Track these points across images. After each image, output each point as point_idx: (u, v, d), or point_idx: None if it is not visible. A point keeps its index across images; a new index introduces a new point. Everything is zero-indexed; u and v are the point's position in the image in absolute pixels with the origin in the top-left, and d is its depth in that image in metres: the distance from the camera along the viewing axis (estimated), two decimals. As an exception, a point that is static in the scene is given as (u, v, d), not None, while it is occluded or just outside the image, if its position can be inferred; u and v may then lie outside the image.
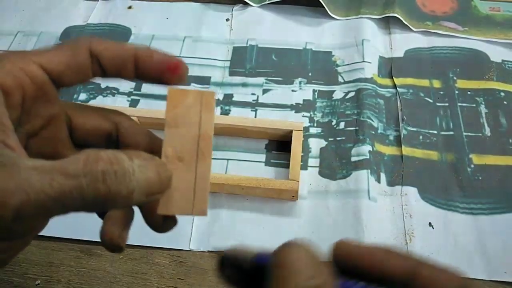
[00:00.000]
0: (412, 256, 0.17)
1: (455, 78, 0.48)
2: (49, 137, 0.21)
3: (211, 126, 0.21)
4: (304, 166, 0.42)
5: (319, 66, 0.50)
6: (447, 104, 0.46)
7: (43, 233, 0.37)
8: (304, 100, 0.47)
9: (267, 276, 0.16)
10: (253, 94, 0.48)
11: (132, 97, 0.48)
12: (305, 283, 0.15)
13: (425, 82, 0.48)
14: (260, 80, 0.49)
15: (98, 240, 0.38)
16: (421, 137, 0.44)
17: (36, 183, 0.15)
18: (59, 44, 0.21)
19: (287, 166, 0.40)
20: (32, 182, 0.15)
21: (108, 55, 0.20)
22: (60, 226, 0.38)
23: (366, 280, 0.17)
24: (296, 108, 0.46)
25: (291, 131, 0.42)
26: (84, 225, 0.38)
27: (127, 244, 0.38)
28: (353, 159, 0.41)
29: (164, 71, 0.20)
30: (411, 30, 0.52)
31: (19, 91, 0.19)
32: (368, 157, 0.41)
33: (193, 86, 0.48)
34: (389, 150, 0.43)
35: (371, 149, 0.42)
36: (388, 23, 0.53)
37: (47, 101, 0.20)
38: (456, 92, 0.47)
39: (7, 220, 0.15)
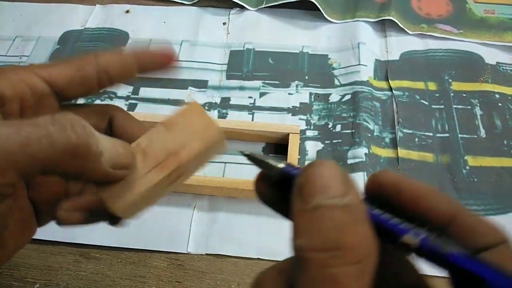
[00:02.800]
0: (453, 199, 0.16)
1: (450, 80, 0.48)
2: None
3: (192, 156, 0.20)
4: (301, 169, 0.42)
5: (316, 69, 0.50)
6: (442, 106, 0.46)
7: (42, 237, 0.38)
8: (300, 103, 0.47)
9: (294, 189, 0.15)
10: (250, 97, 0.48)
11: (130, 101, 0.48)
12: (333, 200, 0.14)
13: (420, 85, 0.48)
14: (257, 83, 0.49)
15: (97, 244, 0.38)
16: (416, 139, 0.44)
17: (3, 132, 0.15)
18: (67, 58, 0.22)
19: (284, 169, 0.41)
20: (1, 132, 0.15)
21: (114, 66, 0.21)
22: (59, 230, 0.38)
23: (398, 215, 0.16)
24: (293, 111, 0.47)
25: (288, 134, 0.42)
26: (82, 229, 0.39)
27: (125, 248, 0.38)
28: (350, 161, 0.42)
29: (161, 60, 0.22)
30: (406, 33, 0.53)
31: (17, 100, 0.19)
32: (364, 159, 0.41)
33: (191, 90, 0.49)
34: (385, 153, 0.43)
35: (367, 152, 0.42)
36: (384, 26, 0.54)
37: (46, 113, 0.20)
38: (452, 94, 0.47)
39: (13, 179, 0.15)
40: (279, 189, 0.17)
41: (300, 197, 0.15)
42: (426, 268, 0.16)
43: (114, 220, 0.23)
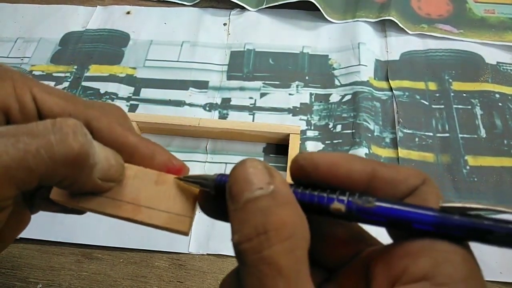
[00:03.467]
0: (370, 159, 0.17)
1: (450, 80, 0.49)
2: None
3: (148, 221, 0.20)
4: (302, 169, 0.42)
5: (316, 69, 0.50)
6: (442, 106, 0.46)
7: (44, 237, 0.38)
8: (301, 104, 0.47)
9: (226, 193, 0.16)
10: (250, 98, 0.48)
11: (131, 102, 0.48)
12: (259, 191, 0.15)
13: (420, 85, 0.48)
14: (258, 84, 0.49)
15: (99, 244, 0.39)
16: (417, 139, 0.44)
17: (1, 144, 0.15)
18: (68, 92, 0.21)
19: (285, 169, 0.41)
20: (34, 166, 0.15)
21: (104, 134, 0.21)
22: (61, 230, 0.39)
23: (325, 190, 0.17)
24: (293, 111, 0.47)
25: (288, 135, 0.42)
26: (84, 230, 0.39)
27: (127, 248, 0.38)
28: (350, 161, 0.42)
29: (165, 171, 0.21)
30: (406, 33, 0.53)
31: (4, 112, 0.19)
32: (364, 159, 0.41)
33: (191, 90, 0.49)
34: (385, 153, 0.43)
35: (367, 152, 0.42)
36: (384, 26, 0.54)
37: None
38: (452, 94, 0.47)
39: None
40: (221, 201, 0.18)
41: (231, 200, 0.16)
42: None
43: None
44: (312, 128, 0.45)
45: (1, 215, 0.17)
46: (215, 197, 0.18)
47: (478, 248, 0.39)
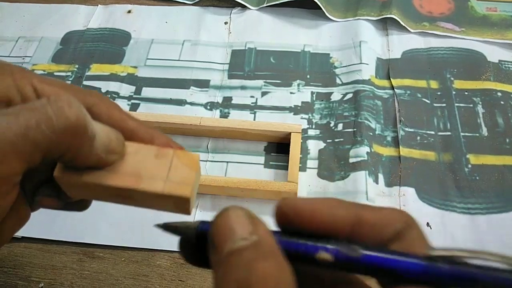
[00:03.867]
0: (354, 203, 0.17)
1: (452, 78, 0.48)
2: None
3: (148, 190, 0.20)
4: (303, 168, 0.42)
5: (317, 68, 0.50)
6: (444, 105, 0.46)
7: (46, 236, 0.38)
8: (302, 102, 0.47)
9: (209, 243, 0.16)
10: (252, 96, 0.48)
11: (133, 101, 0.48)
12: (242, 242, 0.15)
13: (422, 83, 0.48)
14: (259, 82, 0.49)
15: (101, 243, 0.39)
16: (418, 137, 0.44)
17: (2, 122, 0.15)
18: (65, 82, 0.22)
19: (286, 168, 0.41)
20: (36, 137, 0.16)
21: (104, 118, 0.21)
22: (62, 229, 0.39)
23: (312, 237, 0.16)
24: (295, 110, 0.47)
25: (289, 133, 0.42)
26: (86, 228, 0.39)
27: (129, 247, 0.39)
28: (351, 160, 0.42)
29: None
30: (408, 31, 0.53)
31: (6, 102, 0.19)
32: (366, 158, 0.41)
33: (192, 89, 0.49)
34: (387, 151, 0.43)
35: (369, 150, 0.42)
36: (385, 25, 0.54)
37: None
38: (453, 92, 0.47)
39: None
40: (202, 248, 0.17)
41: (213, 250, 0.15)
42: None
43: (80, 205, 0.22)
44: (314, 126, 0.45)
45: (9, 197, 0.17)
46: (197, 246, 0.18)
47: (479, 246, 0.39)
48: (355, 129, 0.44)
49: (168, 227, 0.19)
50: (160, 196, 0.20)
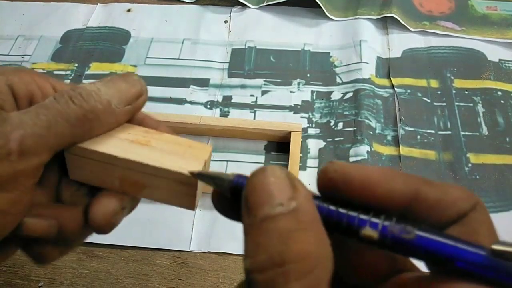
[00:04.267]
0: (414, 176, 0.15)
1: (452, 77, 0.48)
2: None
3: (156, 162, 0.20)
4: (303, 167, 0.42)
5: (317, 67, 0.50)
6: (444, 104, 0.46)
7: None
8: (302, 101, 0.47)
9: (242, 202, 0.14)
10: (252, 95, 0.48)
11: (132, 99, 0.48)
12: (280, 208, 0.13)
13: (422, 82, 0.48)
14: (259, 81, 0.49)
15: (100, 242, 0.39)
16: (418, 136, 0.44)
17: (28, 121, 0.17)
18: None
19: (286, 167, 0.41)
20: (24, 121, 0.17)
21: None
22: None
23: (357, 208, 0.14)
24: (295, 109, 0.47)
25: (289, 132, 0.42)
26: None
27: (129, 246, 0.38)
28: (352, 159, 0.42)
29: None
30: (408, 30, 0.53)
31: (28, 99, 0.20)
32: (366, 157, 0.41)
33: (192, 88, 0.49)
34: (387, 150, 0.43)
35: (369, 149, 0.42)
36: (385, 24, 0.54)
37: None
38: (454, 91, 0.47)
39: (14, 155, 0.17)
40: (236, 202, 0.16)
41: (247, 211, 0.14)
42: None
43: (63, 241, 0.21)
44: (314, 125, 0.45)
45: (32, 179, 0.18)
46: (231, 199, 0.17)
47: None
48: (355, 128, 0.44)
49: (202, 176, 0.18)
50: (168, 172, 0.20)
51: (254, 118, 0.46)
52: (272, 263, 0.12)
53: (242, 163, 0.43)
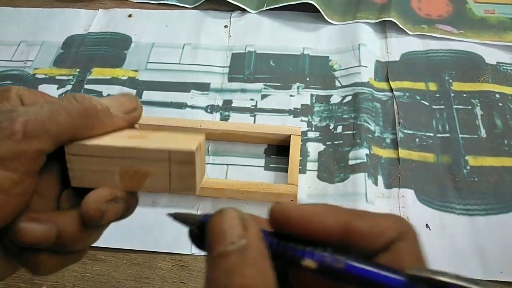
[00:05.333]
0: (347, 209, 0.17)
1: (450, 80, 0.49)
2: None
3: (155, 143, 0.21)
4: (303, 170, 0.42)
5: (317, 71, 0.51)
6: (443, 107, 0.47)
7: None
8: (302, 105, 0.48)
9: (205, 241, 0.16)
10: (252, 99, 0.48)
11: (133, 104, 0.49)
12: (231, 246, 0.15)
13: (421, 85, 0.49)
14: (259, 85, 0.49)
15: (103, 245, 0.39)
16: (417, 139, 0.44)
17: (33, 110, 0.19)
18: None
19: (286, 170, 0.41)
20: (30, 110, 0.19)
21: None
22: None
23: (303, 242, 0.16)
24: (294, 113, 0.47)
25: (289, 136, 0.42)
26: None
27: (131, 250, 0.39)
28: (351, 162, 0.42)
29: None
30: (407, 34, 0.53)
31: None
32: (365, 160, 0.42)
33: (193, 93, 0.49)
34: (386, 153, 0.44)
35: (368, 152, 0.42)
36: (384, 27, 0.54)
37: None
38: (452, 94, 0.48)
39: (18, 135, 0.18)
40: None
41: (207, 249, 0.16)
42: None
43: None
44: (313, 129, 0.46)
45: (31, 180, 0.19)
46: (202, 235, 0.18)
47: (478, 247, 0.39)
48: (354, 131, 0.44)
49: (177, 217, 0.20)
50: (167, 159, 0.20)
51: (254, 122, 0.46)
52: None
53: (242, 167, 0.43)
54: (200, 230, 0.18)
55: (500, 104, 0.46)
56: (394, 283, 0.15)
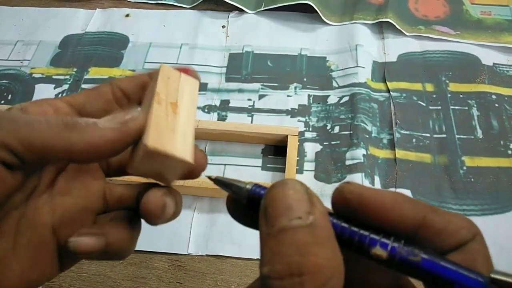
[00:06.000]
0: (423, 203, 0.16)
1: (447, 81, 0.49)
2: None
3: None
4: (300, 170, 0.42)
5: (314, 71, 0.51)
6: (439, 107, 0.47)
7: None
8: (299, 105, 0.48)
9: (260, 213, 0.15)
10: (249, 99, 0.48)
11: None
12: (297, 221, 0.14)
13: (418, 86, 0.49)
14: (256, 86, 0.50)
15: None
16: (414, 140, 0.44)
17: (14, 115, 0.19)
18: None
19: (283, 170, 0.41)
20: (35, 126, 0.18)
21: (127, 85, 0.23)
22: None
23: (366, 227, 0.16)
24: (292, 113, 0.47)
25: (286, 136, 0.42)
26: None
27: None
28: (348, 162, 0.42)
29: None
30: (404, 35, 0.53)
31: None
32: (362, 160, 0.42)
33: (190, 93, 0.49)
34: (383, 153, 0.44)
35: (365, 153, 0.43)
36: (381, 28, 0.54)
37: None
38: (449, 95, 0.48)
39: (18, 149, 0.18)
40: (250, 209, 0.17)
41: (265, 221, 0.15)
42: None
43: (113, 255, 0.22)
44: (310, 129, 0.46)
45: (11, 180, 0.18)
46: (247, 206, 0.17)
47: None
48: (351, 132, 0.44)
49: (220, 182, 0.19)
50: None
51: (252, 122, 0.46)
52: (290, 273, 0.13)
53: (240, 167, 0.43)
54: (248, 201, 0.17)
55: (497, 105, 0.47)
56: (473, 284, 0.14)
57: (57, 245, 0.21)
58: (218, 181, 0.19)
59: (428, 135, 0.45)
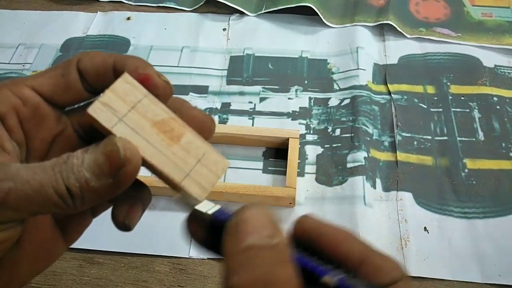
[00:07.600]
0: (365, 242, 0.18)
1: (448, 83, 0.49)
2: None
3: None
4: (301, 173, 0.42)
5: (315, 74, 0.51)
6: (441, 110, 0.47)
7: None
8: (300, 108, 0.48)
9: (225, 232, 0.16)
10: (250, 102, 0.48)
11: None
12: (264, 241, 0.15)
13: (419, 88, 0.49)
14: (257, 88, 0.50)
15: (100, 249, 0.39)
16: (415, 142, 0.44)
17: (23, 175, 0.17)
18: (54, 66, 0.21)
19: (284, 173, 0.41)
20: (20, 175, 0.17)
21: (91, 70, 0.20)
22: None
23: (318, 257, 0.18)
24: (293, 115, 0.47)
25: (287, 139, 0.42)
26: (86, 234, 0.39)
27: (128, 253, 0.39)
28: (349, 165, 0.42)
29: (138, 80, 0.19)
30: (405, 37, 0.53)
31: (13, 113, 0.19)
32: (363, 163, 0.42)
33: (191, 95, 0.49)
34: (384, 156, 0.44)
35: (366, 155, 0.42)
36: (382, 30, 0.54)
37: (47, 122, 0.20)
38: (450, 97, 0.48)
39: None
40: (210, 230, 0.18)
41: (233, 238, 0.16)
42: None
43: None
44: (311, 132, 0.46)
45: (11, 233, 0.18)
46: (209, 228, 0.19)
47: (476, 250, 0.39)
48: (352, 134, 0.44)
49: (190, 217, 0.20)
50: (175, 185, 0.20)
51: (253, 125, 0.46)
52: (259, 283, 0.15)
53: (241, 170, 0.43)
54: (213, 225, 0.18)
55: (498, 107, 0.47)
56: None
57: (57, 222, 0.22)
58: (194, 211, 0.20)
59: (429, 137, 0.45)
